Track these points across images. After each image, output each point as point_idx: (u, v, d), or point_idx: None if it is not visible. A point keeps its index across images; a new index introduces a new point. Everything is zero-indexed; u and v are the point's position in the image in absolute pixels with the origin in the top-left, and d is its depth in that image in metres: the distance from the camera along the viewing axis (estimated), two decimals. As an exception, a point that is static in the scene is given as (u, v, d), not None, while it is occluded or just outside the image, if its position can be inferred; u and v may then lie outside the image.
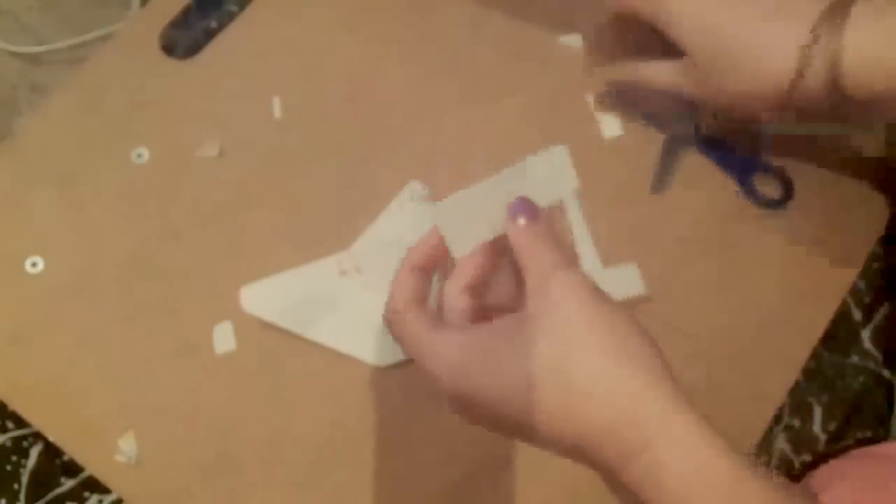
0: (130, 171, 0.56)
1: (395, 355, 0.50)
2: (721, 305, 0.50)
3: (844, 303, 0.51)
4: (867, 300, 0.51)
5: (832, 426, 0.49)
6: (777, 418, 0.49)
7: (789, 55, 0.42)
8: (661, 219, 0.53)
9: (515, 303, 0.39)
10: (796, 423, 0.49)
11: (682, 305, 0.51)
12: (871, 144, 0.54)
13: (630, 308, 0.50)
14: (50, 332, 0.52)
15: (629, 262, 0.51)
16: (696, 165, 0.54)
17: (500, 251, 0.40)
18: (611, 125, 0.55)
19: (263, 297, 0.51)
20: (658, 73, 0.49)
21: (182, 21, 0.60)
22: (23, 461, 0.49)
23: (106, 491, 0.48)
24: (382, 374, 0.50)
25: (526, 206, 0.38)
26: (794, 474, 0.48)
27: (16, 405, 0.50)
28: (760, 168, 0.53)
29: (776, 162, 0.53)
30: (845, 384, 0.49)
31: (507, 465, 0.48)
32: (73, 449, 0.49)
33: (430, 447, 0.48)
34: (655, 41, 0.48)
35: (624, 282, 0.51)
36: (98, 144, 0.57)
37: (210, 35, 0.60)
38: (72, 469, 0.49)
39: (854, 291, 0.51)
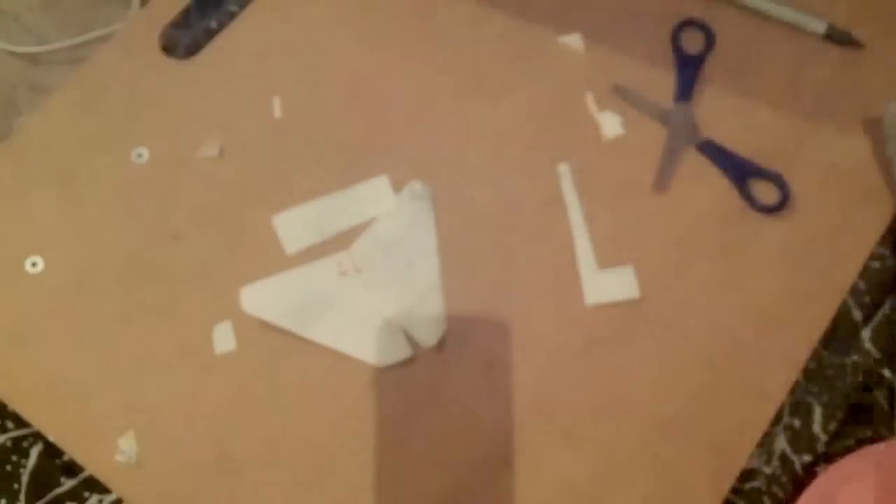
0: (130, 171, 0.56)
1: (395, 355, 0.50)
2: (721, 305, 0.50)
3: (844, 303, 0.51)
4: (867, 300, 0.51)
5: (832, 426, 0.49)
6: (777, 418, 0.48)
7: None
8: (660, 219, 0.53)
9: None
10: (796, 423, 0.49)
11: (682, 306, 0.51)
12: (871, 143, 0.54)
13: (627, 309, 0.50)
14: (50, 332, 0.52)
15: (627, 262, 0.51)
16: (696, 166, 0.54)
17: None
18: (611, 125, 0.55)
19: (263, 298, 0.51)
20: None
21: (182, 21, 0.60)
22: (23, 461, 0.49)
23: (106, 491, 0.48)
24: (382, 374, 0.50)
25: None
26: (795, 474, 0.48)
27: (16, 405, 0.50)
28: (758, 173, 0.53)
29: (774, 166, 0.53)
30: (845, 384, 0.49)
31: (507, 465, 0.48)
32: (73, 449, 0.49)
33: (430, 447, 0.48)
34: None
35: (619, 284, 0.51)
36: (98, 144, 0.57)
37: (210, 35, 0.60)
38: (72, 469, 0.49)
39: (854, 291, 0.51)
